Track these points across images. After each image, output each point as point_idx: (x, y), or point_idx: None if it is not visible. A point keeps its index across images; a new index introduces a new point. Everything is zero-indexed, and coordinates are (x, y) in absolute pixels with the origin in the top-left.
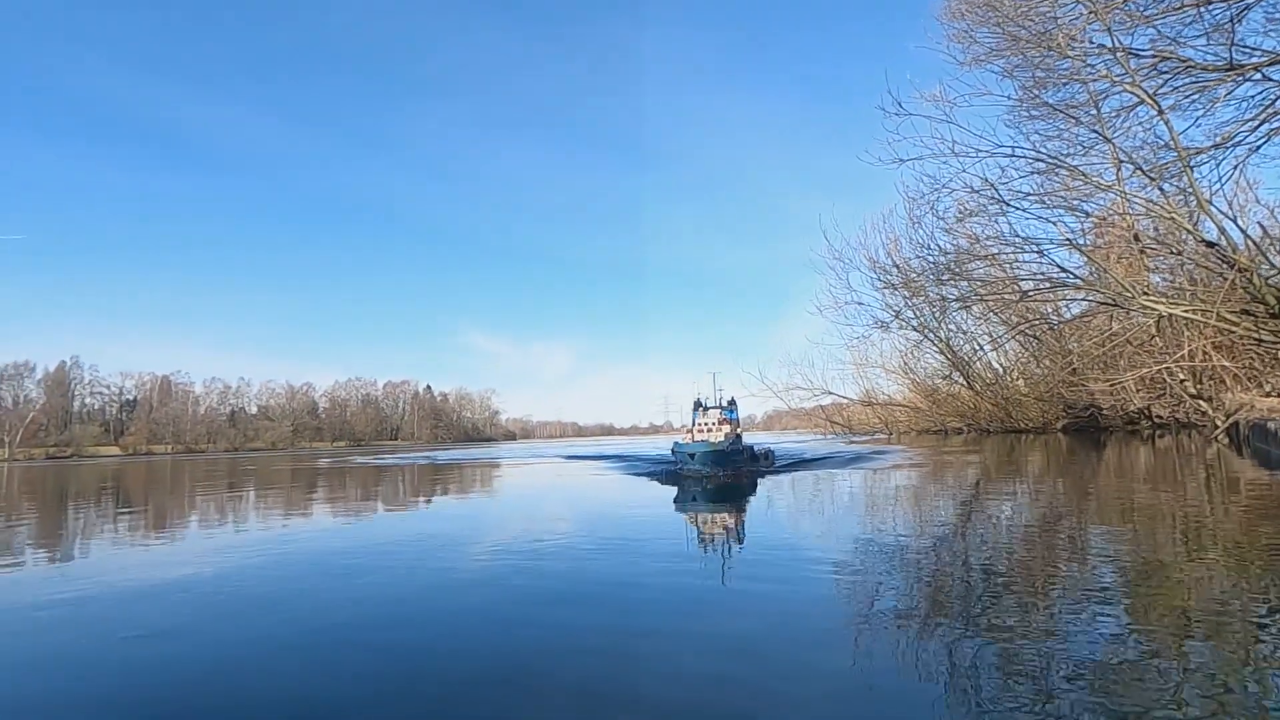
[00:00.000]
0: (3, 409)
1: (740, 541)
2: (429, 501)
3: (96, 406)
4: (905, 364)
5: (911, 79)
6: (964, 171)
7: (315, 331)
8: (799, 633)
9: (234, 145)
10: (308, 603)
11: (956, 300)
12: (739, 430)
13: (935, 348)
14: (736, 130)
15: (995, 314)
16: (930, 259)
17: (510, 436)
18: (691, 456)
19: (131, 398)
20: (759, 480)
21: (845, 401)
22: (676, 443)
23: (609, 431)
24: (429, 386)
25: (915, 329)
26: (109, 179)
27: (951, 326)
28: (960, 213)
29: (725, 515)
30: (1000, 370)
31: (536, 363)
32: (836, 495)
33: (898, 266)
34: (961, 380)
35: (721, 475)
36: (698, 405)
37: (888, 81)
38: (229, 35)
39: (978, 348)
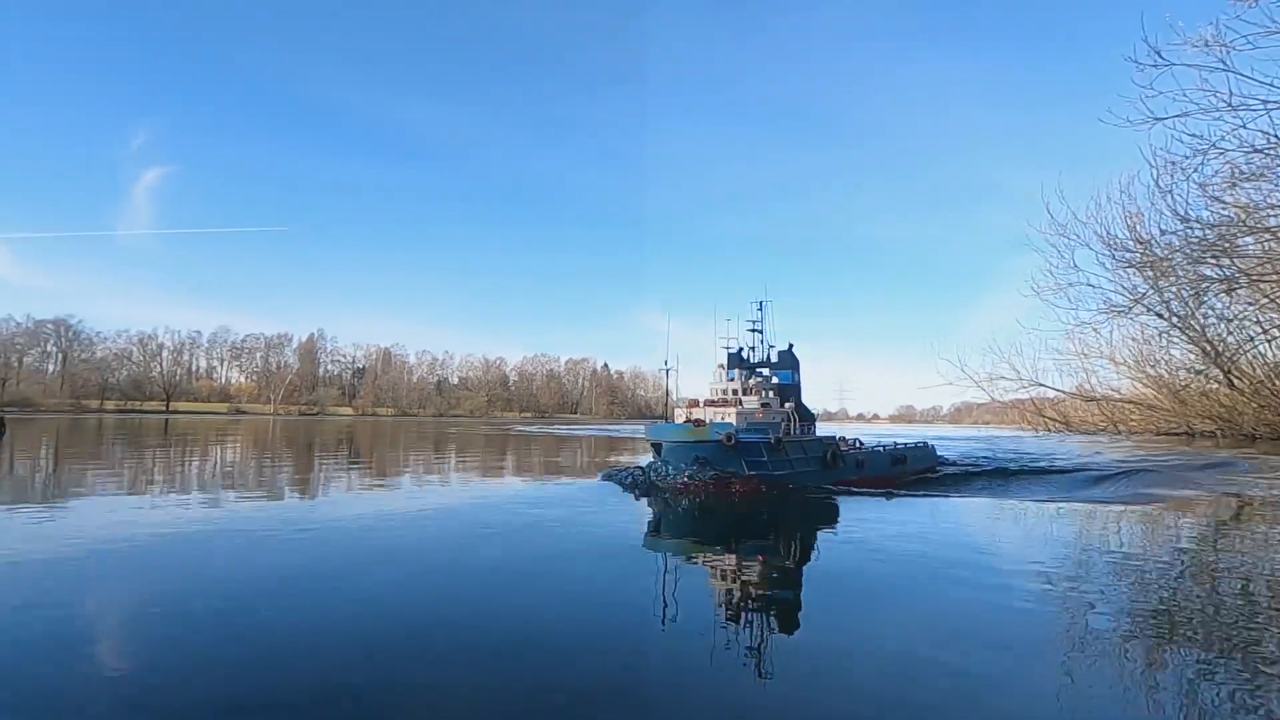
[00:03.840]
0: (269, 372)
1: None
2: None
3: (335, 372)
4: (1141, 355)
5: (1169, 17)
6: (1243, 128)
7: (507, 310)
8: None
9: (444, 141)
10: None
11: (1220, 282)
12: (789, 406)
13: (1185, 338)
14: (930, 100)
15: (1272, 299)
16: (1186, 233)
17: None
18: (658, 450)
19: (361, 366)
20: (843, 499)
21: (1059, 396)
22: (651, 427)
23: None
24: (606, 364)
25: (1158, 315)
26: (349, 176)
27: (1209, 313)
28: (1234, 177)
29: None
30: (1277, 366)
31: (708, 343)
32: None
33: (1140, 242)
34: (1220, 376)
35: (713, 484)
36: (735, 360)
37: (1144, 29)
38: (432, 41)
39: (1246, 339)
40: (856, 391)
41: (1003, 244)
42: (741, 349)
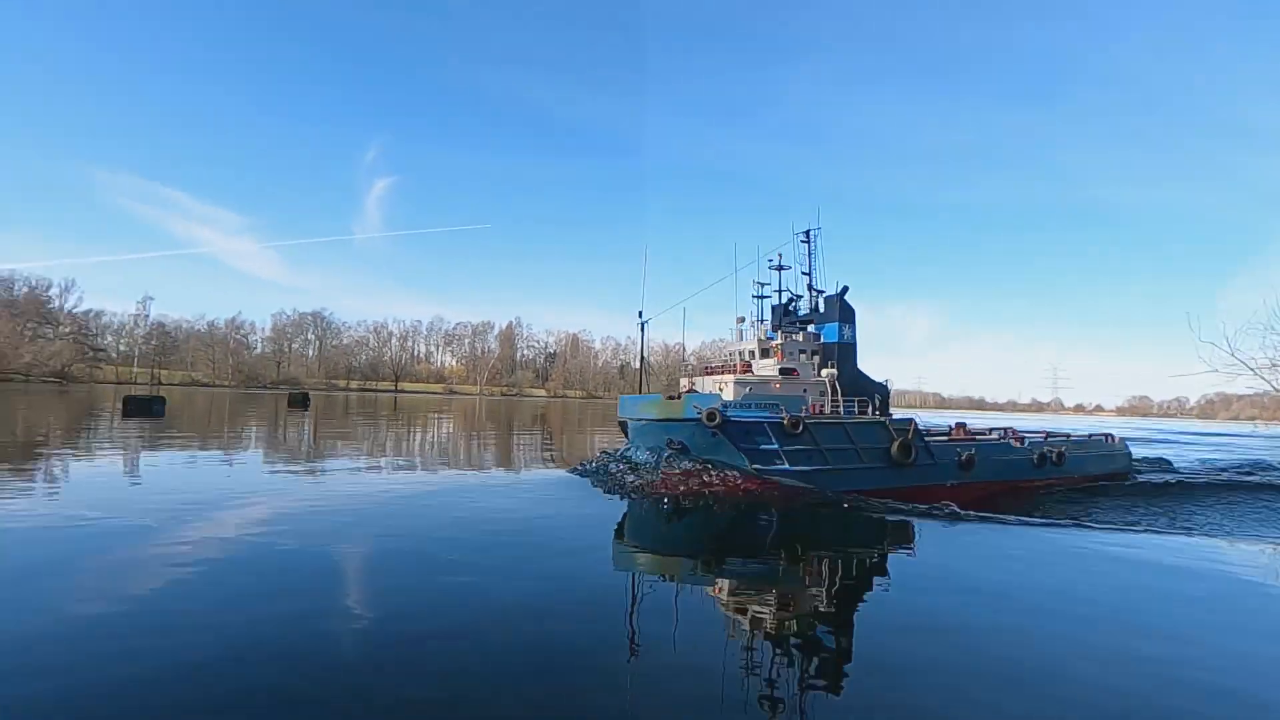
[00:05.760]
0: (475, 357)
1: None
2: None
3: (530, 356)
4: None
5: None
6: None
7: (688, 294)
8: None
9: (633, 132)
10: None
11: None
12: (828, 373)
13: None
14: (1171, 37)
15: None
16: None
17: None
18: (623, 429)
19: (552, 351)
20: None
21: None
22: (622, 400)
23: (979, 405)
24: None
25: None
26: (542, 173)
27: None
28: None
29: None
30: None
31: (893, 326)
32: None
33: None
34: None
35: (682, 486)
36: (779, 313)
37: None
38: (604, 34)
39: None
40: (1075, 380)
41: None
42: (791, 300)
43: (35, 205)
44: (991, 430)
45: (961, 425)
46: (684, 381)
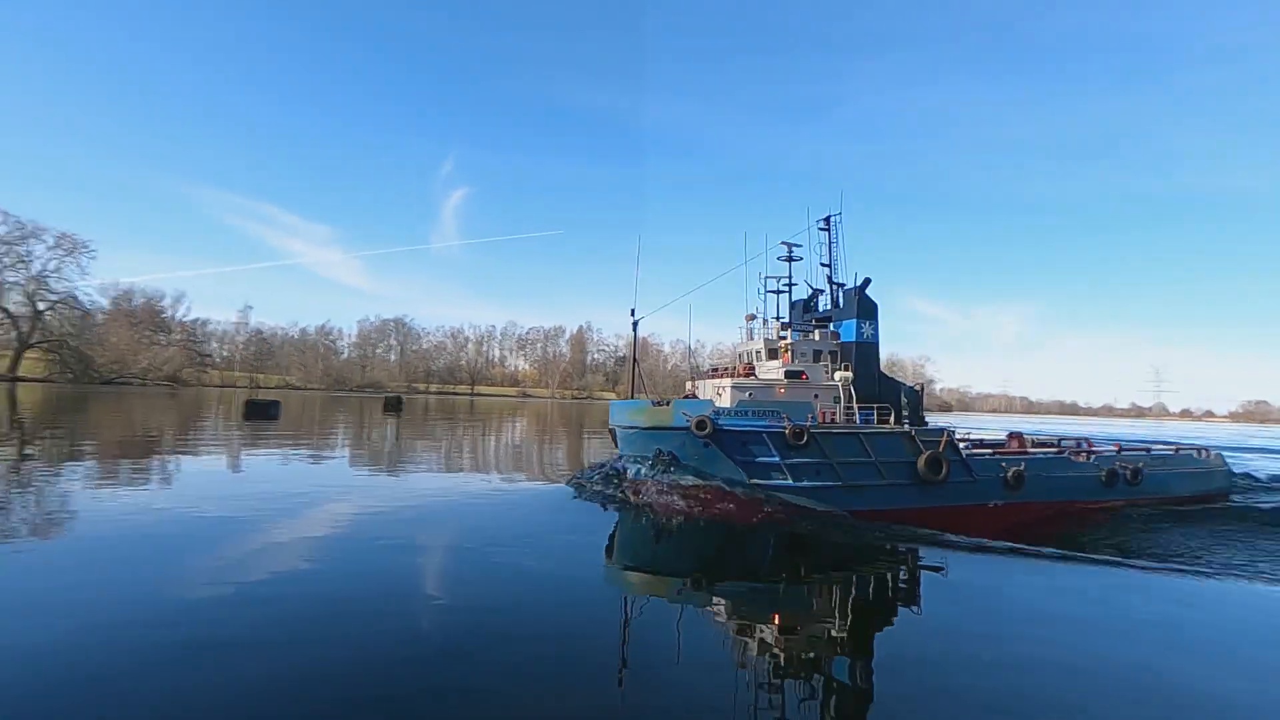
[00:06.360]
0: (547, 361)
1: None
2: None
3: (600, 360)
4: None
5: None
6: None
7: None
8: None
9: (681, 135)
10: None
11: None
12: (842, 376)
13: None
14: None
15: None
16: None
17: (945, 408)
18: (613, 437)
19: (622, 355)
20: None
21: None
22: (612, 405)
23: (1071, 410)
24: None
25: None
26: (605, 178)
27: None
28: None
29: None
30: None
31: (980, 328)
32: None
33: None
34: None
35: (674, 503)
36: (800, 309)
37: None
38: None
39: None
40: (1181, 383)
41: None
42: (813, 296)
43: (150, 223)
44: (1061, 441)
45: (1017, 435)
46: (688, 385)
